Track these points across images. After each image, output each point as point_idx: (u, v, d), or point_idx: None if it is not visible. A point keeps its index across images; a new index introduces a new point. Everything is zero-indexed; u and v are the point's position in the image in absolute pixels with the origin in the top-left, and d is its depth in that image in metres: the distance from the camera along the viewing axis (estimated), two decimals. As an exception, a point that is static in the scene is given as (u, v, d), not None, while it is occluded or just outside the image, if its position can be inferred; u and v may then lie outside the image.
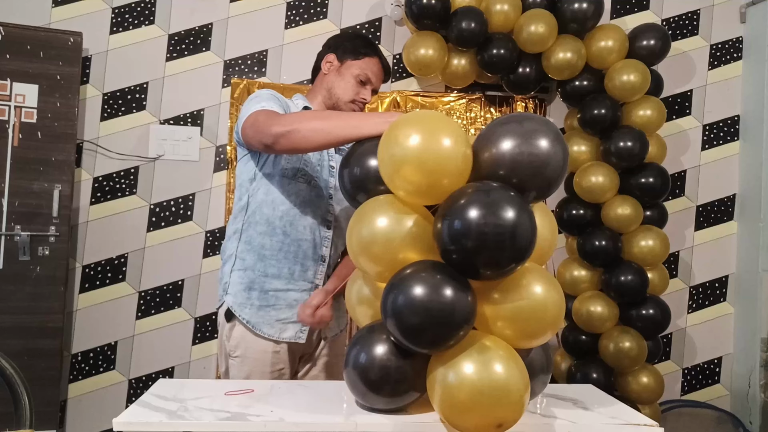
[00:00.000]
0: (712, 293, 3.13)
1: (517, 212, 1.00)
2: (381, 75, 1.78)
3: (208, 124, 2.86)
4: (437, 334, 1.03)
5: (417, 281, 1.03)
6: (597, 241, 2.69)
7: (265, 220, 1.61)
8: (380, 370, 1.11)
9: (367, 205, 1.19)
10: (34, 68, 2.60)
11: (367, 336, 1.16)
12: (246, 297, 1.60)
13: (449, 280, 1.03)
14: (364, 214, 1.17)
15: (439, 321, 1.01)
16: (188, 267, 2.83)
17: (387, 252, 1.11)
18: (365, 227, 1.14)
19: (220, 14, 2.89)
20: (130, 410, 1.15)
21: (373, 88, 1.76)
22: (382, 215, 1.13)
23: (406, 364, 1.11)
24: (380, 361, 1.12)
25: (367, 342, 1.15)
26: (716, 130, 3.15)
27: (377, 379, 1.12)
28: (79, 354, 2.76)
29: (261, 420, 1.11)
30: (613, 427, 1.16)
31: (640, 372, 2.69)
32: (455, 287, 1.03)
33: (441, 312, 1.01)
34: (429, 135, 1.07)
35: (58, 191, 2.60)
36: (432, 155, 1.05)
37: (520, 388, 1.00)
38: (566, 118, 3.00)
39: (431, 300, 1.01)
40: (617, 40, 2.72)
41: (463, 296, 1.03)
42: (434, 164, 1.05)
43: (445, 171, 1.06)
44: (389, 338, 1.12)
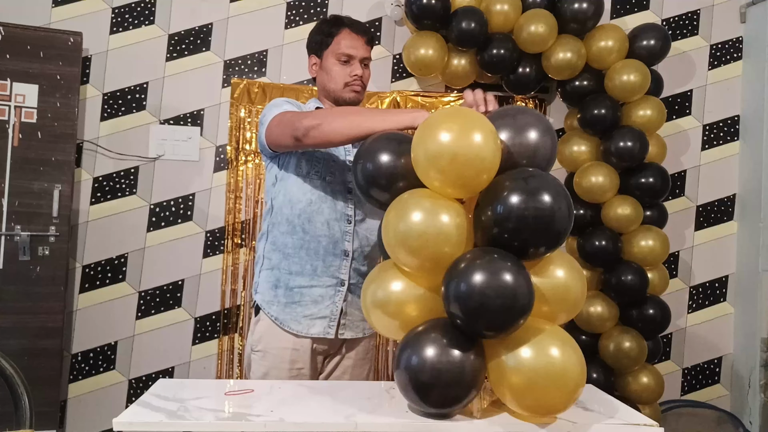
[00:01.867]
0: (712, 293, 3.13)
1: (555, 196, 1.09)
2: (358, 42, 1.68)
3: (208, 124, 2.86)
4: (503, 320, 1.08)
5: (479, 269, 1.07)
6: (597, 241, 2.69)
7: (286, 220, 1.63)
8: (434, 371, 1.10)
9: (405, 198, 1.21)
10: (34, 68, 2.60)
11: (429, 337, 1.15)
12: (273, 295, 1.65)
13: (509, 266, 1.08)
14: (402, 207, 1.19)
15: (500, 307, 1.06)
16: (188, 267, 2.83)
17: (426, 246, 1.14)
18: (402, 221, 1.16)
19: (220, 14, 2.89)
20: (130, 410, 1.15)
21: (360, 59, 1.69)
22: (419, 209, 1.16)
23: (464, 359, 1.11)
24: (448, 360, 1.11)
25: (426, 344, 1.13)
26: (716, 130, 3.15)
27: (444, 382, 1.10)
28: (79, 354, 2.76)
29: (261, 420, 1.11)
30: (613, 427, 1.16)
31: (640, 372, 2.69)
32: (515, 272, 1.07)
33: (501, 296, 1.05)
34: (463, 131, 1.11)
35: (58, 191, 2.60)
36: (467, 150, 1.10)
37: (576, 376, 1.09)
38: (566, 118, 3.00)
39: (489, 285, 1.05)
40: (617, 40, 2.72)
41: (524, 282, 1.07)
42: (469, 159, 1.10)
43: (480, 166, 1.11)
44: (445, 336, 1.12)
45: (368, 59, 1.72)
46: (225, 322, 2.82)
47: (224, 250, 2.83)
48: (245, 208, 2.84)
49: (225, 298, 2.83)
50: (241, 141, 2.84)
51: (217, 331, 2.83)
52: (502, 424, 1.15)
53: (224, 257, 2.83)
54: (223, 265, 2.83)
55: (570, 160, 2.87)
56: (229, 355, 2.82)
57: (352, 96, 1.69)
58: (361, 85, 1.70)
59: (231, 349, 2.82)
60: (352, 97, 1.69)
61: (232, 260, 2.83)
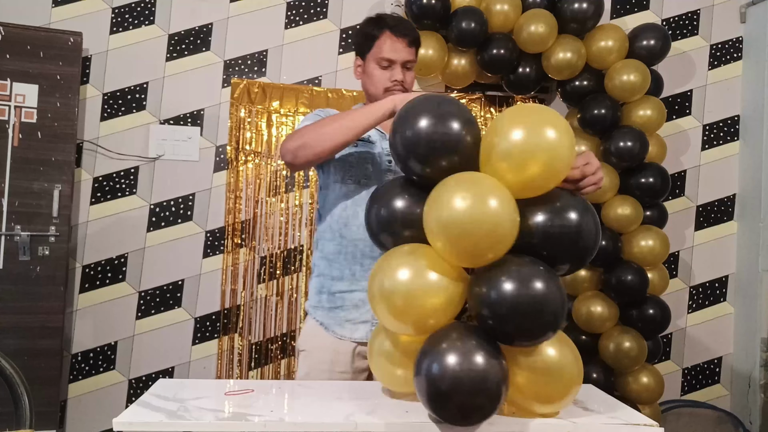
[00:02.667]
0: (712, 293, 3.13)
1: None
2: (400, 45, 1.62)
3: (208, 124, 2.86)
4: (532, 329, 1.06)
5: (511, 275, 1.05)
6: (597, 241, 2.69)
7: (328, 227, 1.64)
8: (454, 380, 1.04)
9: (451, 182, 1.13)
10: (34, 68, 2.60)
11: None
12: (317, 300, 1.66)
13: (539, 273, 1.05)
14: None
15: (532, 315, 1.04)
16: (188, 267, 2.83)
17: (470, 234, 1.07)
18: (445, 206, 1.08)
19: (220, 14, 2.89)
20: (130, 410, 1.15)
21: (403, 63, 1.62)
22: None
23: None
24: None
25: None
26: (716, 130, 3.15)
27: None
28: (79, 354, 2.76)
29: (261, 420, 1.11)
30: (613, 427, 1.16)
31: (640, 372, 2.69)
32: (547, 279, 1.05)
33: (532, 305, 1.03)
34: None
35: (58, 191, 2.60)
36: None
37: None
38: (566, 118, 2.99)
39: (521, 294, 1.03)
40: (617, 40, 2.72)
41: (557, 291, 1.05)
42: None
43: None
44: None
45: (411, 62, 1.65)
46: (225, 322, 2.83)
47: (224, 250, 2.83)
48: (245, 208, 2.84)
49: (225, 298, 2.83)
50: (241, 141, 2.84)
51: (217, 331, 2.83)
52: (501, 424, 1.15)
53: (224, 257, 2.83)
54: (223, 265, 2.83)
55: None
56: (229, 355, 2.82)
57: None
58: (402, 89, 1.63)
59: (231, 349, 2.82)
60: None
61: (232, 260, 2.83)
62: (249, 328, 2.83)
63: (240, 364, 2.82)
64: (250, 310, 2.83)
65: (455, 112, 1.14)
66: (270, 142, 2.86)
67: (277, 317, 2.85)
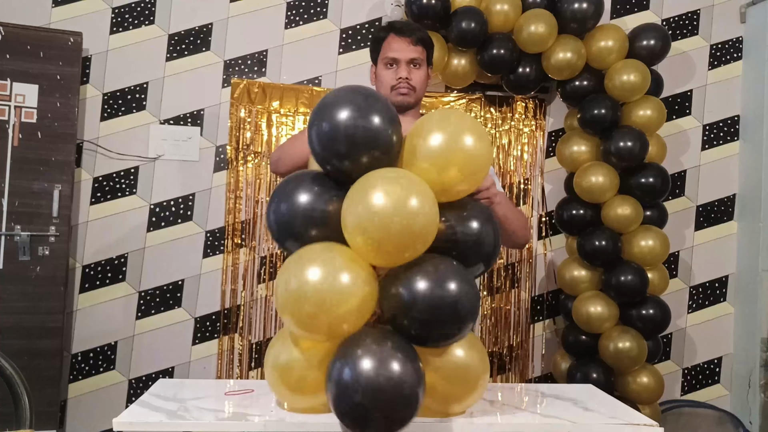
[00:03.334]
0: (712, 293, 3.13)
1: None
2: (403, 43, 1.63)
3: (208, 124, 2.86)
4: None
5: (428, 274, 1.04)
6: (597, 241, 2.69)
7: None
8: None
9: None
10: (34, 68, 2.60)
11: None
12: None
13: (455, 272, 1.05)
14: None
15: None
16: (188, 267, 2.83)
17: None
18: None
19: (220, 14, 2.89)
20: (130, 410, 1.15)
21: (407, 60, 1.63)
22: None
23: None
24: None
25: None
26: (716, 130, 3.15)
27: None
28: (79, 354, 2.76)
29: (261, 420, 1.12)
30: (613, 427, 1.16)
31: (640, 372, 2.69)
32: (463, 277, 1.05)
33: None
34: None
35: (58, 191, 2.60)
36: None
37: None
38: (566, 118, 3.00)
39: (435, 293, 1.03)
40: (617, 40, 2.72)
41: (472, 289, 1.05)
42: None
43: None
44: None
45: (417, 59, 1.65)
46: (225, 322, 2.82)
47: (224, 250, 2.83)
48: (245, 208, 2.84)
49: (225, 298, 2.83)
50: (241, 141, 2.84)
51: (217, 331, 2.83)
52: (502, 424, 1.15)
53: (224, 257, 2.83)
54: (223, 265, 2.83)
55: (570, 160, 2.87)
56: (229, 355, 2.82)
57: (400, 99, 1.63)
58: (408, 86, 1.63)
59: (231, 349, 2.82)
60: (400, 100, 1.63)
61: (232, 260, 2.83)
62: (249, 328, 2.83)
63: (240, 364, 2.82)
64: (250, 310, 2.83)
65: (379, 106, 1.10)
66: (270, 142, 2.86)
67: (277, 317, 2.85)
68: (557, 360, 2.90)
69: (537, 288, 3.03)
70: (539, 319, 3.03)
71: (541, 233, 3.04)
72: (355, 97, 1.10)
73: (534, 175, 3.03)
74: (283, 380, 1.12)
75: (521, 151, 3.02)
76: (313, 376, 1.09)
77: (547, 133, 3.05)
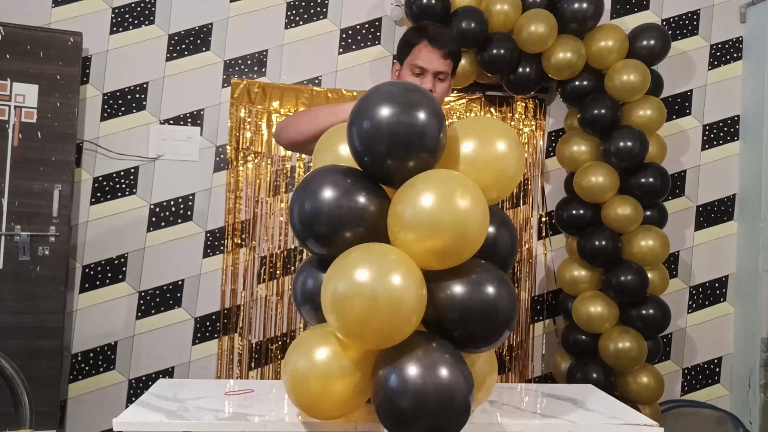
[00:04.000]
0: (712, 293, 3.13)
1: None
2: (434, 55, 1.63)
3: (208, 124, 2.86)
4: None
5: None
6: (597, 241, 2.69)
7: None
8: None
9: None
10: (34, 68, 2.60)
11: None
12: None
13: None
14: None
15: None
16: (188, 267, 2.83)
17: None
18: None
19: (220, 14, 2.89)
20: (130, 410, 1.15)
21: (434, 72, 1.63)
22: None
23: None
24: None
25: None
26: (716, 130, 3.15)
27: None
28: (79, 354, 2.76)
29: (261, 420, 1.12)
30: (613, 427, 1.16)
31: (640, 372, 2.69)
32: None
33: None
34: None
35: (58, 191, 2.60)
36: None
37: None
38: (566, 118, 3.00)
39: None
40: (617, 40, 2.72)
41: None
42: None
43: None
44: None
45: (444, 73, 1.66)
46: (225, 322, 2.83)
47: (224, 250, 2.83)
48: (245, 208, 2.84)
49: (225, 298, 2.83)
50: (241, 141, 2.84)
51: (217, 331, 2.83)
52: (501, 423, 1.15)
53: (224, 257, 2.83)
54: (223, 265, 2.83)
55: (570, 160, 2.87)
56: (229, 355, 2.82)
57: None
58: None
59: (231, 349, 2.82)
60: None
61: (232, 260, 2.83)
62: (249, 328, 2.83)
63: (240, 364, 2.82)
64: (250, 310, 2.83)
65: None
66: (270, 142, 2.86)
67: (277, 317, 2.85)
68: (557, 360, 2.90)
69: (537, 288, 3.03)
70: (539, 319, 3.03)
71: (541, 233, 3.04)
72: (404, 93, 1.06)
73: (534, 175, 3.03)
74: (302, 389, 1.07)
75: (521, 151, 3.02)
76: (333, 385, 1.04)
77: (547, 133, 3.05)
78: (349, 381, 1.03)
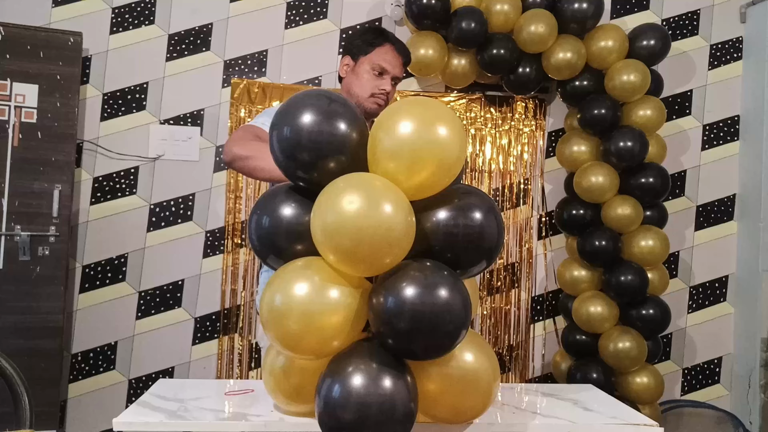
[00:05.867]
0: (712, 293, 3.13)
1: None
2: (397, 61, 1.72)
3: (208, 124, 2.86)
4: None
5: (409, 283, 0.96)
6: (597, 241, 2.69)
7: None
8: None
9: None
10: (34, 68, 2.60)
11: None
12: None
13: (441, 279, 0.98)
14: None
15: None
16: (188, 267, 2.83)
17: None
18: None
19: (220, 14, 2.89)
20: (130, 410, 1.15)
21: (392, 76, 1.71)
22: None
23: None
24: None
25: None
26: (716, 130, 3.15)
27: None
28: (79, 354, 2.76)
29: (261, 420, 1.12)
30: (613, 427, 1.16)
31: (640, 372, 2.69)
32: (449, 284, 0.97)
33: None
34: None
35: (58, 191, 2.60)
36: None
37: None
38: (566, 118, 3.00)
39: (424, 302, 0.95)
40: (617, 40, 2.72)
41: (460, 296, 0.98)
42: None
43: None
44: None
45: (399, 79, 1.75)
46: (225, 322, 2.82)
47: (224, 250, 2.83)
48: (245, 208, 2.84)
49: (225, 298, 2.83)
50: (241, 141, 2.84)
51: (217, 331, 2.83)
52: (501, 424, 1.15)
53: (224, 257, 2.83)
54: (223, 265, 2.83)
55: (570, 160, 2.87)
56: (229, 355, 2.82)
57: (374, 108, 1.70)
58: (385, 100, 1.71)
59: (231, 349, 2.82)
60: (374, 108, 1.70)
61: (232, 260, 2.83)
62: (249, 328, 2.83)
63: (240, 364, 2.82)
64: (250, 310, 2.83)
65: (341, 109, 1.04)
66: (270, 142, 2.86)
67: (277, 317, 2.84)
68: (557, 360, 2.90)
69: (537, 288, 3.03)
70: (539, 319, 3.04)
71: (541, 233, 3.04)
72: (317, 100, 1.05)
73: (534, 175, 3.03)
74: (280, 386, 1.10)
75: (521, 151, 3.02)
76: (309, 382, 1.06)
77: (547, 133, 3.05)
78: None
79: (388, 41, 1.72)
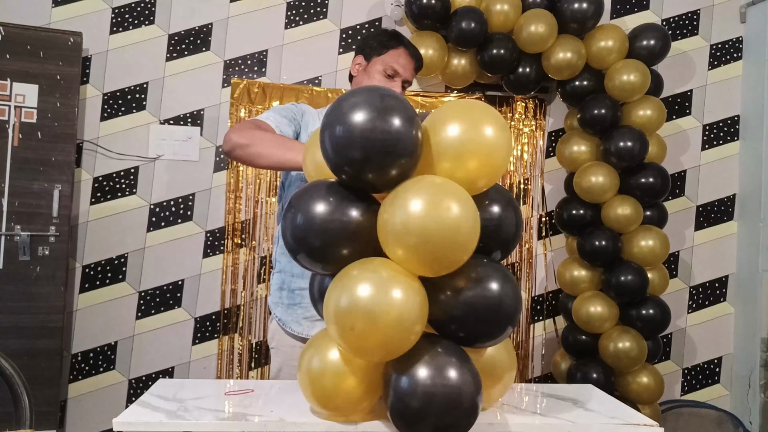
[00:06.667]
0: (712, 293, 3.13)
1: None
2: (409, 65, 1.74)
3: (208, 124, 2.86)
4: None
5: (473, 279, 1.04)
6: (597, 241, 2.69)
7: None
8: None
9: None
10: (34, 68, 2.60)
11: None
12: (278, 296, 1.70)
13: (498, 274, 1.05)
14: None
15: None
16: (188, 267, 2.83)
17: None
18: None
19: (220, 14, 2.89)
20: (130, 410, 1.15)
21: (403, 80, 1.73)
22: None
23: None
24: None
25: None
26: (716, 130, 3.15)
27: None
28: (79, 354, 2.76)
29: (261, 420, 1.11)
30: (613, 427, 1.16)
31: (640, 372, 2.69)
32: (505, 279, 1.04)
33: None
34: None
35: (58, 191, 2.60)
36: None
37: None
38: (566, 118, 3.00)
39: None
40: (617, 40, 2.72)
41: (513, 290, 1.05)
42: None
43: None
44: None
45: (409, 83, 1.77)
46: (225, 322, 2.82)
47: (224, 250, 2.83)
48: (245, 208, 2.84)
49: (225, 298, 2.83)
50: (241, 141, 2.84)
51: (217, 331, 2.83)
52: (501, 423, 1.15)
53: (224, 257, 2.83)
54: (223, 265, 2.83)
55: (570, 160, 2.87)
56: (229, 355, 2.82)
57: None
58: None
59: (231, 349, 2.82)
60: None
61: (232, 260, 2.83)
62: (249, 328, 2.83)
63: (240, 364, 2.82)
64: (250, 310, 2.83)
65: (397, 106, 1.02)
66: (270, 142, 2.86)
67: (277, 317, 2.84)
68: (557, 360, 2.90)
69: (537, 288, 3.03)
70: (539, 319, 3.04)
71: (541, 233, 3.04)
72: (373, 98, 1.03)
73: (534, 175, 3.03)
74: (314, 387, 1.09)
75: (521, 151, 3.02)
76: (346, 384, 1.06)
77: (547, 133, 3.06)
78: (361, 379, 1.05)
79: (402, 45, 1.74)
